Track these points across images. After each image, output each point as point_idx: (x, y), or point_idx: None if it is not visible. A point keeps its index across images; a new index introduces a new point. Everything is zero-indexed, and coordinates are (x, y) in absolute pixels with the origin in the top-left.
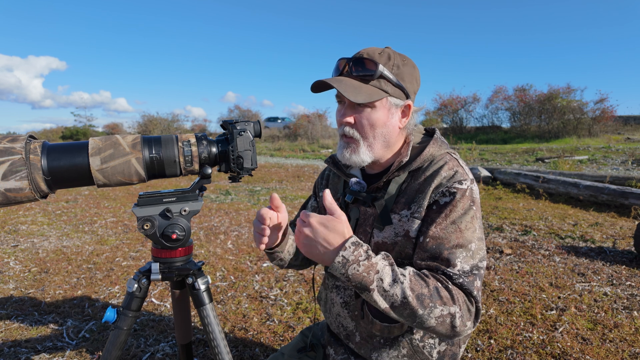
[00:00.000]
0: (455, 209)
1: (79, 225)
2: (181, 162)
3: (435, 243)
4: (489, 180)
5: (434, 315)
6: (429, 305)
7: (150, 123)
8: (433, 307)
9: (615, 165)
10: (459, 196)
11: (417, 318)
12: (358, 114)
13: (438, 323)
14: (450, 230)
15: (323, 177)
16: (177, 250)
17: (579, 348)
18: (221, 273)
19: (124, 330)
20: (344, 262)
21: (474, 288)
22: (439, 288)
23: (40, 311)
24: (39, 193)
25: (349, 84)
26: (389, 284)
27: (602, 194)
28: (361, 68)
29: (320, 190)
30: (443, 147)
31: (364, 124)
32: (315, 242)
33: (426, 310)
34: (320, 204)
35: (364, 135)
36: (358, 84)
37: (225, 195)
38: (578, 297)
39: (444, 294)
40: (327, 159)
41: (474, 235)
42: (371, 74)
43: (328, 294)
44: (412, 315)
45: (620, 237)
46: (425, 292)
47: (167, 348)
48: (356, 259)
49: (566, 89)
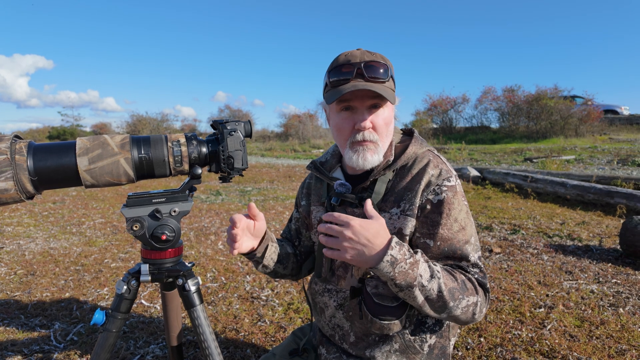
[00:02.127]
0: (453, 206)
1: (67, 226)
2: (171, 162)
3: (447, 244)
4: (478, 180)
5: (461, 306)
6: (458, 297)
7: (140, 123)
8: (461, 299)
9: (601, 164)
10: (451, 194)
11: (446, 309)
12: (374, 116)
13: (462, 312)
14: (456, 229)
15: (304, 186)
16: (166, 252)
17: (566, 345)
18: (212, 274)
19: (113, 333)
20: (392, 260)
21: (486, 279)
22: (465, 281)
23: (26, 314)
24: (25, 194)
25: (381, 88)
26: (427, 279)
27: (588, 193)
28: (376, 71)
29: (302, 200)
30: (424, 145)
31: (380, 124)
32: (358, 243)
33: (455, 302)
34: (302, 214)
35: (380, 135)
36: (383, 86)
37: (215, 196)
38: (566, 295)
39: (469, 286)
40: (309, 165)
41: (472, 228)
42: (386, 75)
43: (321, 298)
44: (443, 307)
45: (606, 236)
46: (456, 286)
47: (157, 350)
48: (403, 257)
49: (553, 89)
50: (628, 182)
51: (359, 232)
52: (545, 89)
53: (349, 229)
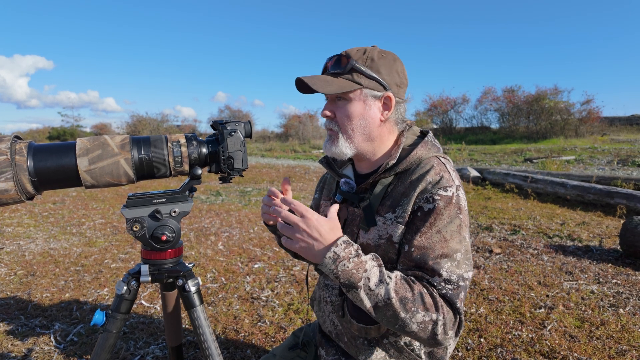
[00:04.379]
0: (441, 217)
1: (67, 227)
2: (171, 162)
3: (420, 253)
4: (478, 180)
5: (416, 320)
6: (411, 309)
7: (140, 123)
8: (415, 312)
9: (601, 165)
10: (443, 204)
11: (399, 321)
12: (336, 107)
13: (420, 329)
14: (435, 240)
15: (322, 180)
16: (167, 252)
17: (566, 345)
18: (212, 274)
19: (113, 333)
20: (334, 257)
21: (458, 300)
22: (424, 294)
23: (26, 315)
24: (25, 194)
25: (321, 79)
26: (375, 283)
27: (588, 193)
28: (336, 64)
29: (316, 193)
30: (432, 150)
31: (340, 116)
32: (310, 237)
33: (408, 314)
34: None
35: (342, 127)
36: (331, 78)
37: (215, 196)
38: (566, 295)
39: (427, 300)
40: (321, 159)
41: (460, 245)
42: (341, 68)
43: (321, 293)
44: (394, 317)
45: (606, 236)
46: (409, 296)
47: (157, 351)
48: (347, 255)
49: (554, 90)
50: (628, 183)
51: (313, 226)
52: (545, 89)
53: (304, 221)
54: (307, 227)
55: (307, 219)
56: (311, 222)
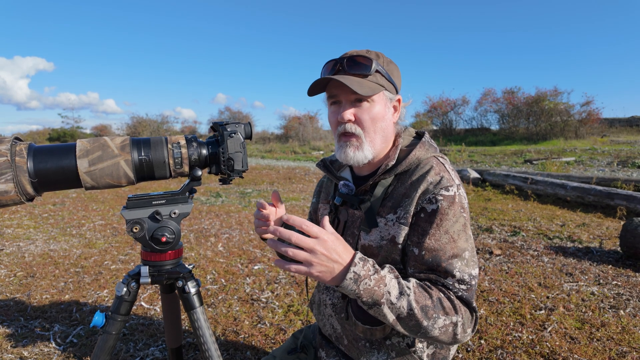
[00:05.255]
0: (446, 217)
1: (67, 228)
2: (171, 164)
3: (432, 255)
4: (479, 181)
5: (438, 326)
6: (432, 316)
7: (140, 125)
8: (437, 318)
9: (601, 166)
10: (446, 204)
11: (421, 329)
12: (358, 109)
13: (441, 333)
14: (444, 241)
15: (319, 183)
16: (166, 253)
17: (567, 347)
18: (212, 276)
19: (113, 335)
20: (355, 277)
21: (473, 299)
22: (442, 299)
23: (26, 316)
24: (25, 196)
25: (354, 80)
26: (396, 297)
27: (588, 194)
28: (357, 65)
29: (314, 197)
30: (430, 151)
31: (365, 118)
32: (330, 260)
33: (430, 322)
34: (312, 210)
35: (366, 130)
36: (359, 79)
37: (215, 198)
38: (566, 297)
39: (446, 304)
40: (319, 162)
41: (467, 243)
42: (368, 69)
43: (321, 296)
44: (417, 326)
45: (606, 237)
46: (429, 304)
47: (157, 352)
48: (367, 274)
49: (553, 91)
50: (628, 184)
51: (331, 248)
52: (545, 91)
53: (322, 244)
54: (326, 250)
55: (324, 241)
56: (328, 244)
